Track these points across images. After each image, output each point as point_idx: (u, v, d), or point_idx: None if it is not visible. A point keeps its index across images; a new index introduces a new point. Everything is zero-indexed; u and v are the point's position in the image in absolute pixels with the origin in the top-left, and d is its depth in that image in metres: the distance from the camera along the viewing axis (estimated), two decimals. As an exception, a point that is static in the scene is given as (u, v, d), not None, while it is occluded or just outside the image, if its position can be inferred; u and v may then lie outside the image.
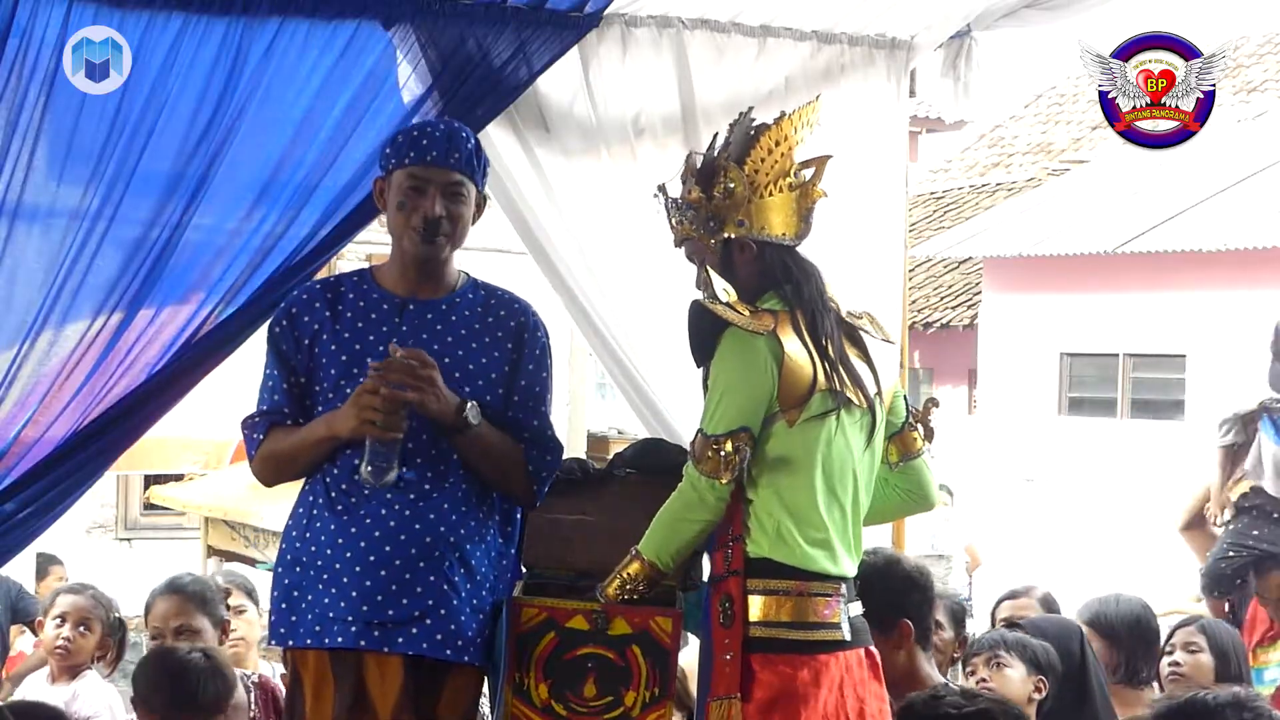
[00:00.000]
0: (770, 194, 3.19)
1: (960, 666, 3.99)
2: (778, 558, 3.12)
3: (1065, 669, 3.86)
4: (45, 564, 7.16)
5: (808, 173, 3.22)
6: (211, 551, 8.00)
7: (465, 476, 3.14)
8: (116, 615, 4.51)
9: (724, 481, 3.10)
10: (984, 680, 3.74)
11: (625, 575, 3.16)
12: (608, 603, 3.16)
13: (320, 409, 3.15)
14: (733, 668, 3.09)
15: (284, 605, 3.14)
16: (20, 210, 3.61)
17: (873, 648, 3.26)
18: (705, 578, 3.38)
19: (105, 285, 3.71)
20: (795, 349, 3.13)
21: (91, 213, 3.67)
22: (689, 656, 3.64)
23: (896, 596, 3.49)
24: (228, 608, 4.40)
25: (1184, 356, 13.82)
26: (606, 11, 4.09)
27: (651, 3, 4.17)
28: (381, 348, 3.09)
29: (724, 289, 3.21)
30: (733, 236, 3.19)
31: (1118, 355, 14.50)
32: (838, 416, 3.14)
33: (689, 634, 3.51)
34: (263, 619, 4.53)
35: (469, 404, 3.08)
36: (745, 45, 4.36)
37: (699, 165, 3.24)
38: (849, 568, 3.21)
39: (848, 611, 3.17)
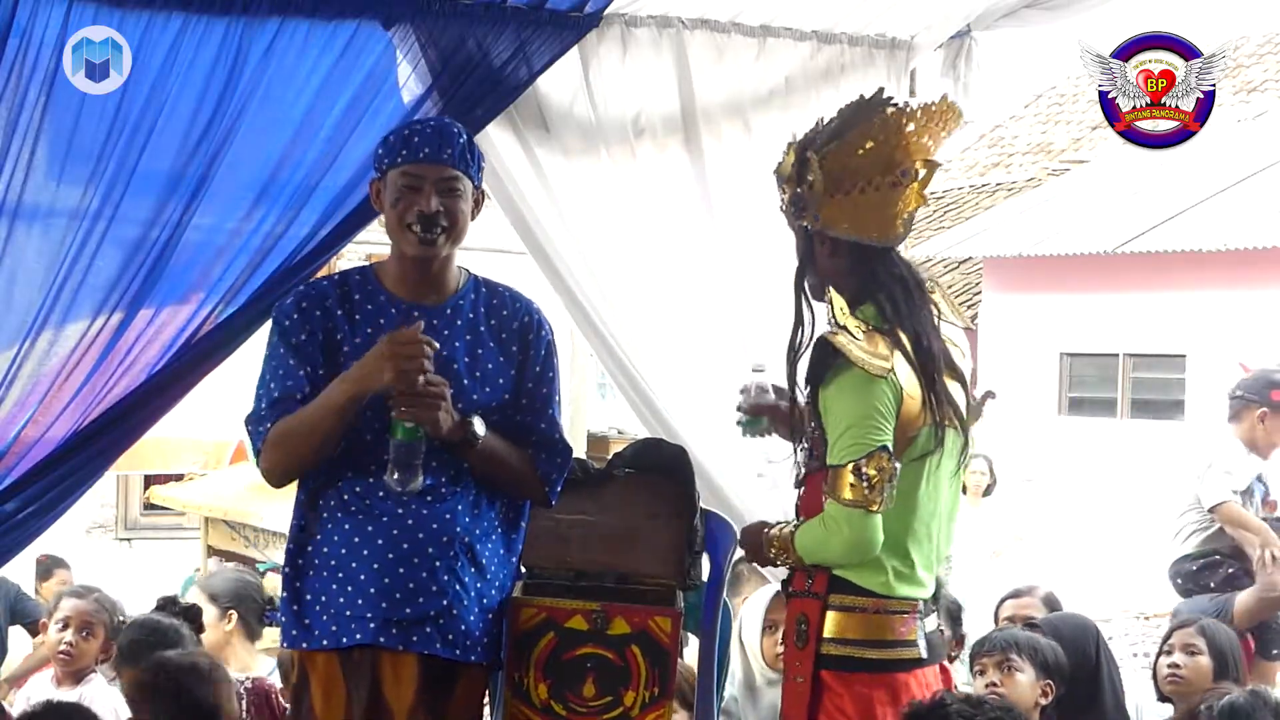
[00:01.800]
0: (861, 192, 3.07)
1: (968, 665, 3.99)
2: (858, 580, 3.07)
3: (1079, 668, 3.86)
4: (51, 566, 7.15)
5: (921, 172, 3.08)
6: (211, 551, 7.98)
7: (477, 477, 3.15)
8: (120, 618, 4.50)
9: (875, 508, 2.97)
10: (994, 684, 3.74)
11: (779, 544, 3.12)
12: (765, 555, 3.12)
13: None
14: (803, 690, 3.04)
15: (295, 608, 3.12)
16: (20, 210, 3.61)
17: (947, 663, 3.22)
18: (705, 578, 3.39)
19: (105, 285, 3.70)
20: (910, 387, 3.05)
21: (91, 213, 3.67)
22: (691, 656, 3.64)
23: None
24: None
25: (1184, 356, 13.83)
26: (606, 11, 4.08)
27: (651, 3, 4.16)
28: None
29: (841, 309, 3.11)
30: (809, 227, 3.14)
31: (1118, 355, 14.50)
32: (937, 454, 3.09)
33: (689, 634, 3.51)
34: (230, 624, 4.54)
35: (473, 419, 3.06)
36: (745, 45, 4.36)
37: (800, 140, 3.14)
38: (931, 586, 3.16)
39: (924, 627, 3.12)
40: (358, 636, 3.05)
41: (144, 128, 3.67)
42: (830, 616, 3.05)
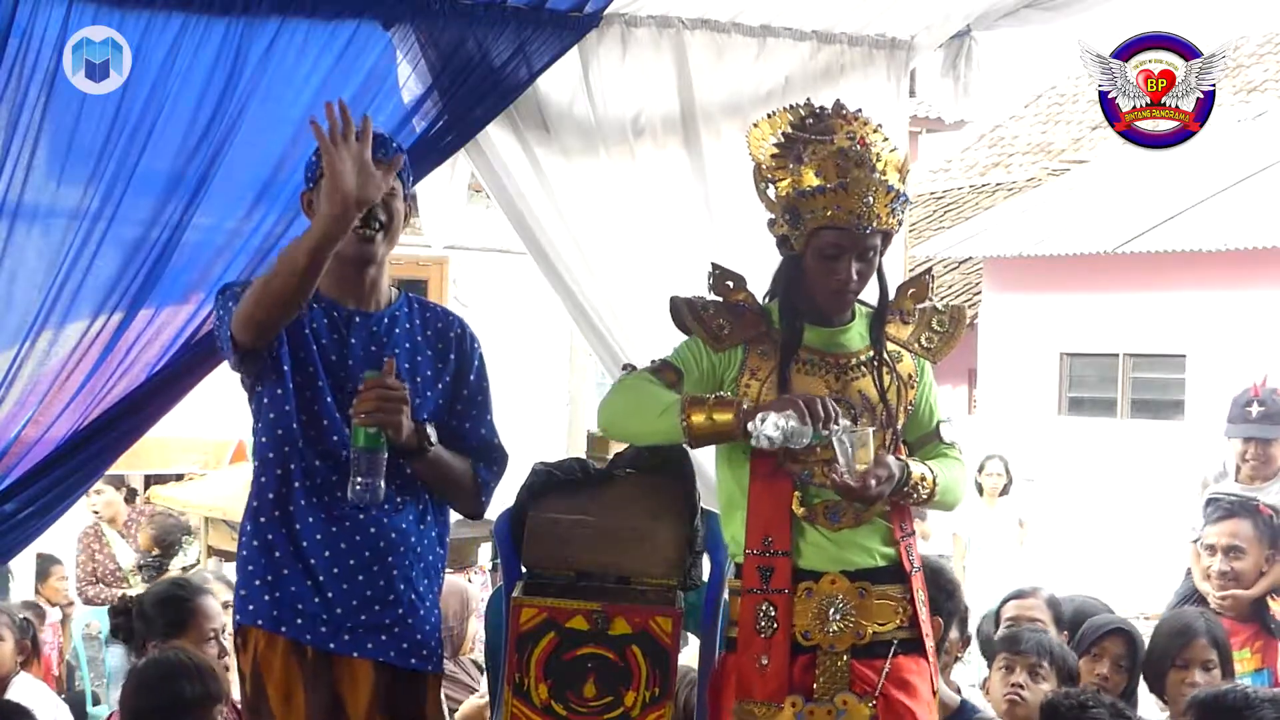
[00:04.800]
0: None
1: (987, 662, 4.02)
2: None
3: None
4: (45, 565, 7.16)
5: None
6: (211, 551, 7.99)
7: (423, 489, 3.20)
8: (21, 616, 4.52)
9: None
10: (1019, 686, 3.80)
11: (920, 479, 3.13)
12: None
13: (271, 407, 3.11)
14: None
15: (243, 592, 3.14)
16: (20, 210, 3.62)
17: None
18: (705, 578, 3.38)
19: (105, 285, 3.71)
20: None
21: (91, 213, 3.67)
22: (692, 657, 3.64)
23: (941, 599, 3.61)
24: None
25: (1184, 356, 13.80)
26: (606, 11, 4.09)
27: (651, 3, 4.17)
28: (334, 357, 3.10)
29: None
30: (898, 227, 3.23)
31: (1118, 355, 14.48)
32: None
33: (689, 634, 3.51)
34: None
35: (428, 425, 3.10)
36: (745, 45, 4.36)
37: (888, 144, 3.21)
38: None
39: None
40: (307, 637, 3.08)
41: (144, 128, 3.67)
42: None
